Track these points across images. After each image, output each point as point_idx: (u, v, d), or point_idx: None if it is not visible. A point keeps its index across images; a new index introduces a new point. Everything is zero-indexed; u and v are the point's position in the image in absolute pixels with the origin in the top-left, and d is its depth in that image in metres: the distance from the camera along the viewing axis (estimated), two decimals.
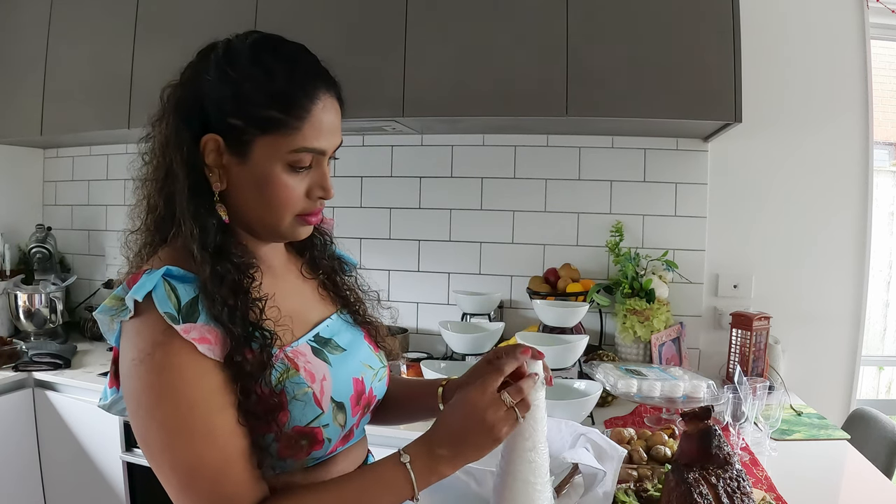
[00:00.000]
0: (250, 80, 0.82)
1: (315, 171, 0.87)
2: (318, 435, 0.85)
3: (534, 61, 1.97)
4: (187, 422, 0.76)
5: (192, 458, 0.75)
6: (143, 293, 0.77)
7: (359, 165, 2.53)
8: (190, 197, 0.83)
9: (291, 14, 2.13)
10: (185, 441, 0.75)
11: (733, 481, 1.02)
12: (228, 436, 0.78)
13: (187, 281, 0.81)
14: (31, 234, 2.77)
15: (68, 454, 2.19)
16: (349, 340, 0.97)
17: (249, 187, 0.85)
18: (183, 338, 0.77)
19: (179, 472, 0.76)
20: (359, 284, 1.08)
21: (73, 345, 2.48)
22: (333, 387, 0.88)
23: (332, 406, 0.87)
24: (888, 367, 2.89)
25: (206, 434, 0.76)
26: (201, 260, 0.81)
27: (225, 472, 0.77)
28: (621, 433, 1.49)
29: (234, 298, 0.81)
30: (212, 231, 0.83)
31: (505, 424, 0.83)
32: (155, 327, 0.77)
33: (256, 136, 0.82)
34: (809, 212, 2.26)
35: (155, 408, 0.76)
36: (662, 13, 1.89)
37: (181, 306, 0.78)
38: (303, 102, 0.83)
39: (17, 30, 2.54)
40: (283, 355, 0.85)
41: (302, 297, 0.98)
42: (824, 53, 2.22)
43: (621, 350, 2.22)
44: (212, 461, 0.76)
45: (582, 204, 2.37)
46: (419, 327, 2.52)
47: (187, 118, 0.84)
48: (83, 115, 2.43)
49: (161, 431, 0.76)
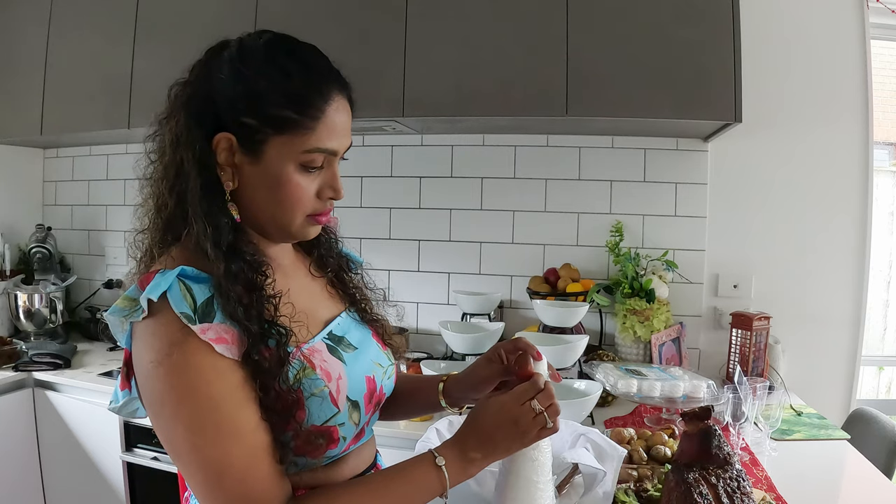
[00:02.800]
0: (265, 79, 0.82)
1: (326, 172, 0.87)
2: (334, 434, 0.86)
3: (534, 61, 1.97)
4: (213, 420, 0.76)
5: (220, 456, 0.75)
6: (159, 293, 0.77)
7: (359, 165, 2.53)
8: (202, 195, 0.82)
9: (292, 14, 2.13)
10: (212, 439, 0.75)
11: (733, 481, 1.02)
12: (253, 432, 0.78)
13: (202, 281, 0.81)
14: (31, 234, 2.77)
15: (68, 454, 2.19)
16: (360, 338, 0.98)
17: (261, 187, 0.85)
18: (200, 338, 0.76)
19: (208, 470, 0.76)
20: (365, 283, 1.09)
21: (73, 345, 2.48)
22: (349, 386, 0.88)
23: (348, 405, 0.87)
24: (888, 367, 2.89)
25: (232, 432, 0.76)
26: (215, 258, 0.81)
27: (253, 468, 0.77)
28: (621, 433, 1.49)
29: (248, 296, 0.81)
30: (224, 230, 0.83)
31: (535, 429, 0.85)
32: (171, 327, 0.77)
33: (270, 135, 0.82)
34: (809, 212, 2.26)
35: (179, 409, 0.76)
36: (662, 13, 1.89)
37: (197, 306, 0.78)
38: (318, 103, 0.83)
39: (18, 30, 2.54)
40: (299, 353, 0.85)
41: (312, 296, 0.98)
42: (824, 53, 2.22)
43: (621, 350, 2.22)
44: (240, 458, 0.76)
45: (582, 204, 2.37)
46: (419, 327, 2.52)
47: (198, 116, 0.83)
48: (83, 115, 2.43)
49: (187, 432, 0.76)
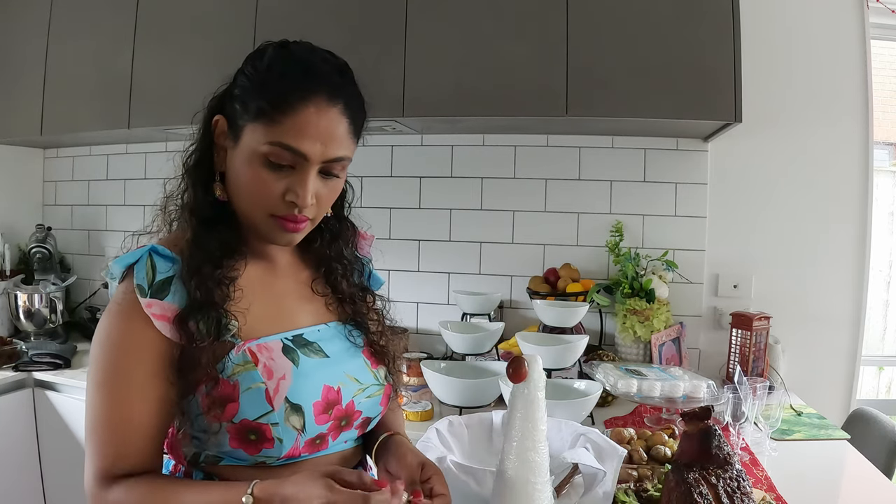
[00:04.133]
0: (260, 73, 0.88)
1: (296, 175, 0.87)
2: (266, 432, 0.86)
3: (534, 61, 1.96)
4: (111, 380, 0.84)
5: (101, 410, 0.84)
6: (125, 263, 0.86)
7: (359, 165, 2.50)
8: (194, 169, 0.91)
9: (291, 14, 2.13)
10: (104, 396, 0.84)
11: (733, 481, 1.02)
12: (140, 404, 0.84)
13: (170, 261, 0.87)
14: (31, 234, 2.77)
15: (68, 454, 2.19)
16: (338, 350, 0.97)
17: (236, 172, 0.89)
18: (143, 310, 0.83)
19: (90, 417, 0.84)
20: (382, 314, 1.07)
21: (73, 345, 2.48)
22: (292, 387, 0.87)
23: (286, 406, 0.87)
24: (888, 367, 2.89)
25: (122, 397, 0.83)
26: (187, 225, 0.89)
27: (121, 434, 0.83)
28: (621, 433, 1.48)
29: (208, 267, 0.87)
30: (204, 203, 0.90)
31: None
32: (127, 295, 0.85)
33: (247, 122, 0.87)
34: (809, 211, 2.26)
35: (96, 359, 0.85)
36: (663, 13, 1.89)
37: (154, 282, 0.85)
38: (290, 100, 0.85)
39: (18, 30, 2.54)
40: (245, 347, 0.87)
41: (295, 300, 0.99)
42: (824, 53, 2.22)
43: (621, 350, 2.22)
44: (115, 420, 0.83)
45: (582, 204, 2.37)
46: (419, 327, 2.52)
47: (214, 104, 0.93)
48: (83, 115, 2.43)
49: (92, 381, 0.85)
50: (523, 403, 0.92)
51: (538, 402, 0.92)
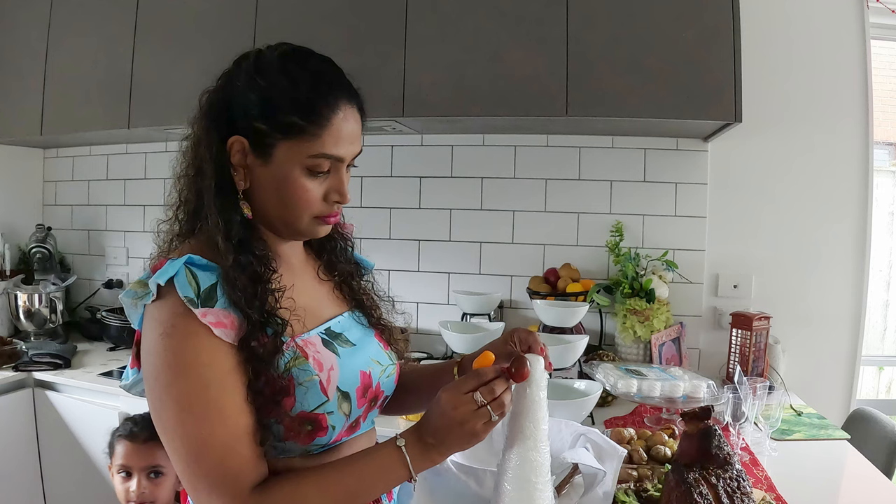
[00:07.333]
0: (276, 87, 0.88)
1: (333, 177, 0.93)
2: (322, 421, 0.89)
3: (533, 61, 1.96)
4: (202, 399, 0.81)
5: (203, 435, 0.81)
6: (166, 278, 0.83)
7: (359, 165, 2.52)
8: (216, 193, 0.90)
9: (292, 14, 2.13)
10: (198, 418, 0.81)
11: (733, 481, 1.02)
12: (238, 415, 0.83)
13: (208, 269, 0.87)
14: (31, 234, 2.77)
15: (68, 454, 2.19)
16: (359, 337, 1.02)
17: (271, 187, 0.91)
18: (200, 321, 0.82)
19: (190, 446, 0.81)
20: (375, 290, 1.14)
21: (73, 345, 2.48)
22: (340, 377, 0.92)
23: (338, 395, 0.91)
24: (888, 367, 2.89)
25: (218, 412, 0.81)
26: (225, 250, 0.87)
27: (233, 450, 0.82)
28: (621, 433, 1.49)
29: (253, 286, 0.87)
30: (235, 225, 0.89)
31: (477, 422, 0.84)
32: (175, 310, 0.83)
33: (279, 140, 0.88)
34: (809, 212, 2.26)
35: (171, 384, 0.82)
36: (662, 13, 1.89)
37: (200, 292, 0.84)
38: (324, 111, 0.88)
39: (18, 29, 2.54)
40: (294, 343, 0.90)
41: (316, 295, 1.03)
42: (824, 53, 2.22)
43: (621, 350, 2.22)
44: (221, 438, 0.81)
45: (582, 204, 2.37)
46: (419, 327, 2.52)
47: (217, 120, 0.91)
48: (83, 115, 2.43)
49: (176, 406, 0.81)
50: (525, 403, 0.92)
51: (540, 401, 0.92)
